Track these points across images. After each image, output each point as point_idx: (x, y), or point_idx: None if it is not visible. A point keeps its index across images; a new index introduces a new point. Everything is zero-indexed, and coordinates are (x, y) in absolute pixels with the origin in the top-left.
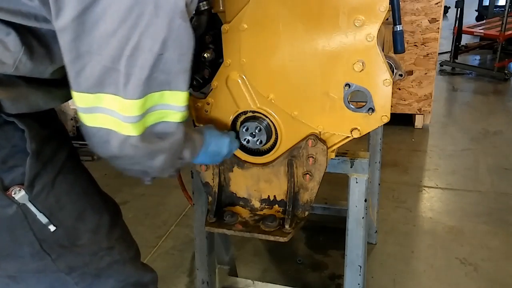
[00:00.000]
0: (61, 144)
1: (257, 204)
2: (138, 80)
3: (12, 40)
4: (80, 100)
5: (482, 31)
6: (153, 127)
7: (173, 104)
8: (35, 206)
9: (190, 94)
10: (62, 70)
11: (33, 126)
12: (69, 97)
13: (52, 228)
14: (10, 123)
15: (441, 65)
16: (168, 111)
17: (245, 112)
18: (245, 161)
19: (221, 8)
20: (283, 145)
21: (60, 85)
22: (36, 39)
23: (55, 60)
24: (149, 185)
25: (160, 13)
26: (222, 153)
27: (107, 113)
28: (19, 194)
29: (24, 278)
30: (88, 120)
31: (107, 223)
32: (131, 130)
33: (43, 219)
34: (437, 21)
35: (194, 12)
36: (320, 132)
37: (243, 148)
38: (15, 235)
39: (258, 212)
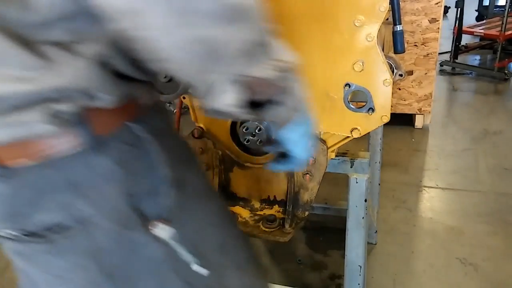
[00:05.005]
0: (197, 167)
1: (257, 204)
2: None
3: None
4: None
5: (482, 31)
6: None
7: None
8: (180, 244)
9: (190, 94)
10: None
11: (171, 149)
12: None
13: (198, 268)
14: (148, 146)
15: (441, 65)
16: None
17: None
18: (245, 161)
19: None
20: None
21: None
22: None
23: None
24: None
25: None
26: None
27: None
28: (164, 230)
29: None
30: None
31: (251, 254)
32: None
33: (189, 258)
34: (437, 21)
35: None
36: (320, 132)
37: (243, 148)
38: (160, 279)
39: (258, 212)
